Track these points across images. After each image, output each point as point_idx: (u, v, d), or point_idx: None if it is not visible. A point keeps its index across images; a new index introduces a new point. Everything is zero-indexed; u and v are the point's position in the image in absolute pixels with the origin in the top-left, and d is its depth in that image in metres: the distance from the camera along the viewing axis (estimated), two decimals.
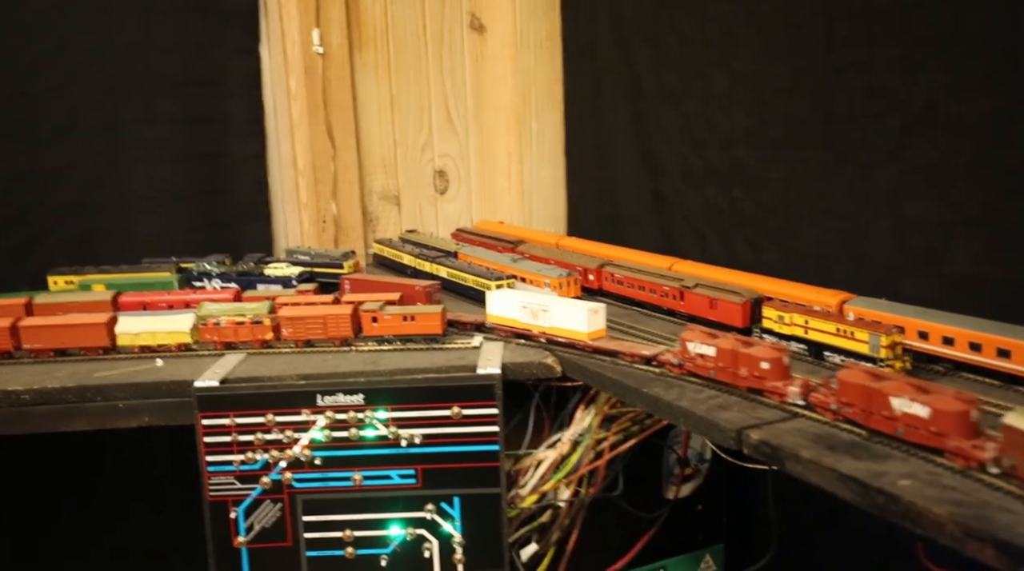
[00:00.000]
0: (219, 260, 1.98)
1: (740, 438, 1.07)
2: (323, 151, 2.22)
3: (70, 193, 2.04)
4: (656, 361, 1.34)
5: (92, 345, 1.56)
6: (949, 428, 0.96)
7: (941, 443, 0.97)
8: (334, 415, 1.41)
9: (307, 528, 1.45)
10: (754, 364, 1.18)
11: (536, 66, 2.31)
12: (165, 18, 2.07)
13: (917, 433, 0.99)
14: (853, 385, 1.06)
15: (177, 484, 2.00)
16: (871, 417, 1.04)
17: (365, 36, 2.24)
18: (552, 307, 1.49)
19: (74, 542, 2.06)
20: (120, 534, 2.08)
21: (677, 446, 1.62)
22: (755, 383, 1.19)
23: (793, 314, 1.34)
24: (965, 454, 0.94)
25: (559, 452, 1.49)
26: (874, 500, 0.90)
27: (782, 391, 1.15)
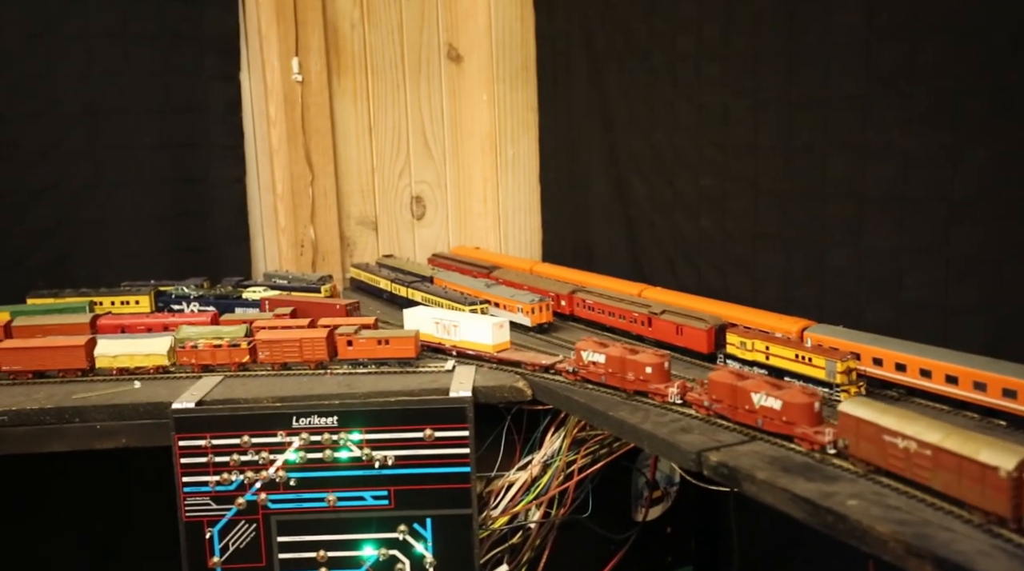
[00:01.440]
0: (197, 283, 2.01)
1: (700, 460, 1.11)
2: (302, 176, 2.26)
3: (50, 216, 2.06)
4: (554, 369, 1.49)
5: (70, 367, 1.58)
6: (796, 417, 1.13)
7: (791, 430, 1.13)
8: (309, 437, 1.44)
9: (282, 548, 1.47)
10: (639, 369, 1.34)
11: (512, 95, 2.37)
12: (145, 44, 2.10)
13: (772, 423, 1.15)
14: (721, 384, 1.23)
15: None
16: (736, 411, 1.20)
17: (344, 64, 2.29)
18: (462, 323, 1.63)
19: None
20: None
21: (646, 469, 1.66)
22: (640, 386, 1.34)
23: (755, 340, 1.39)
24: (809, 438, 1.11)
25: (530, 474, 1.52)
26: (824, 519, 0.95)
27: (663, 392, 1.31)
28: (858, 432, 1.04)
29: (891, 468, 1.00)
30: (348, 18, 2.28)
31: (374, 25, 2.30)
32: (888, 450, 1.00)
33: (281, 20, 2.16)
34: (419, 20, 2.35)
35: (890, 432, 1.00)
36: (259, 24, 2.17)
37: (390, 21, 2.32)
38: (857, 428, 1.04)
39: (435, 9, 2.36)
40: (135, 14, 2.07)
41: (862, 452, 1.04)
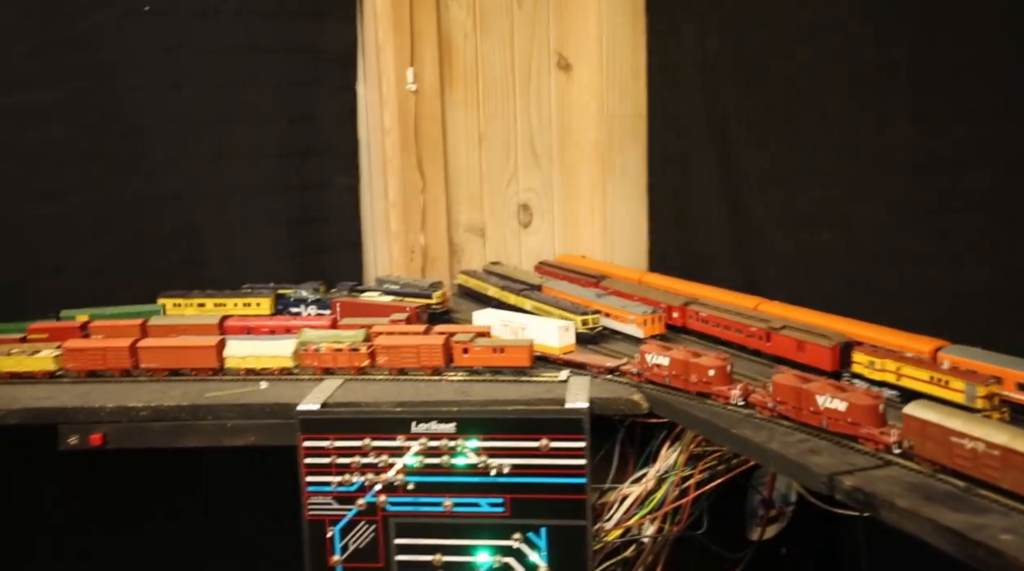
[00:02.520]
0: (314, 287, 2.08)
1: (832, 483, 1.08)
2: (413, 184, 2.31)
3: (179, 220, 2.17)
4: (618, 371, 1.56)
5: (202, 366, 1.66)
6: (861, 418, 1.19)
7: (855, 431, 1.19)
8: (427, 442, 1.47)
9: (399, 551, 1.50)
10: (702, 372, 1.41)
11: (621, 104, 2.36)
12: (272, 58, 2.18)
13: (837, 424, 1.21)
14: (785, 387, 1.29)
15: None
16: (801, 412, 1.26)
17: (456, 74, 2.33)
18: (529, 325, 1.72)
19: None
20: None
21: (762, 487, 1.62)
22: (703, 388, 1.41)
23: (885, 360, 1.34)
24: (874, 438, 1.17)
25: (644, 488, 1.51)
26: (973, 553, 0.91)
27: (726, 394, 1.38)
28: (923, 433, 1.10)
29: (957, 467, 1.06)
30: (461, 29, 2.31)
31: (486, 35, 2.33)
32: (955, 450, 1.06)
33: (398, 32, 2.21)
34: (530, 30, 2.36)
35: (957, 433, 1.06)
36: (376, 36, 2.23)
37: (501, 31, 2.34)
38: (923, 430, 1.10)
39: (546, 19, 2.37)
40: (262, 29, 2.15)
41: (928, 452, 1.10)
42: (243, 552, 2.12)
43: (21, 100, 1.93)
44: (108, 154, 2.05)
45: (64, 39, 1.95)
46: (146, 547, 2.13)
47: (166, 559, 2.15)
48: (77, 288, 2.03)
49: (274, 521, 2.03)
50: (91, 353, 1.65)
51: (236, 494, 2.19)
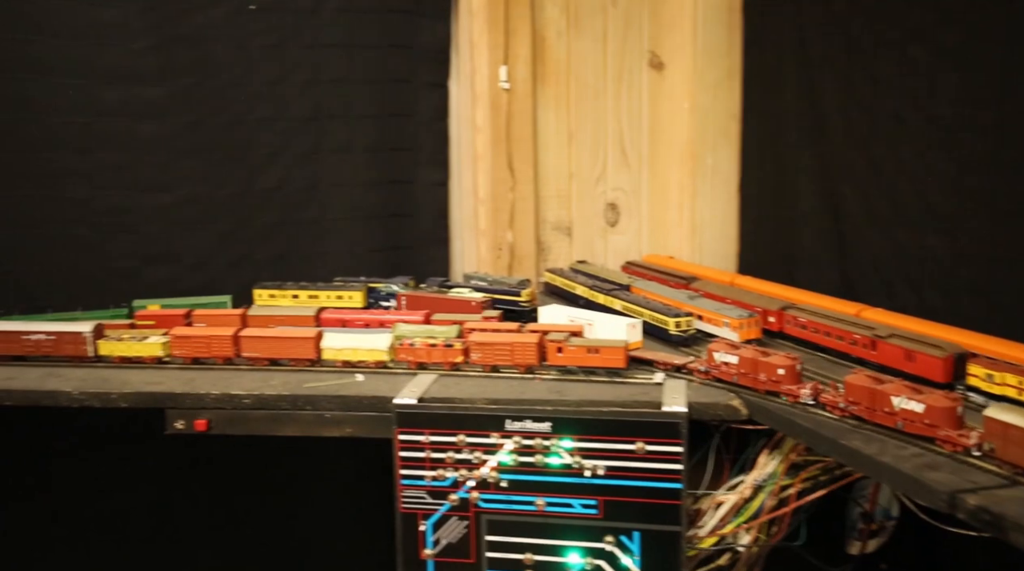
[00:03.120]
0: (404, 282, 2.10)
1: (954, 502, 1.04)
2: (503, 181, 2.32)
3: (276, 213, 2.22)
4: (685, 369, 1.57)
5: (301, 357, 1.69)
6: (940, 420, 1.19)
7: (933, 432, 1.20)
8: (521, 440, 1.47)
9: (490, 547, 1.51)
10: (772, 370, 1.42)
11: (714, 103, 2.32)
12: (368, 54, 2.22)
13: (913, 425, 1.22)
14: (859, 387, 1.30)
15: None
16: (874, 413, 1.27)
17: (548, 71, 2.33)
18: (596, 322, 1.75)
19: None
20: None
21: (863, 500, 1.58)
22: (772, 386, 1.42)
23: (1005, 374, 1.29)
24: (952, 440, 1.17)
25: (740, 495, 1.48)
26: None
27: (796, 393, 1.39)
28: (1005, 436, 1.11)
29: None
30: (555, 26, 2.31)
31: (579, 33, 2.32)
32: None
33: (492, 30, 2.22)
34: (623, 28, 2.34)
35: None
36: (471, 34, 2.24)
37: (595, 29, 2.33)
38: (1004, 432, 1.11)
39: (640, 17, 2.35)
40: (360, 25, 2.19)
41: (1010, 455, 1.10)
42: (335, 543, 2.18)
43: (137, 94, 2.01)
44: (213, 148, 2.12)
45: (176, 36, 2.02)
46: (238, 530, 2.21)
47: (257, 541, 2.22)
48: (183, 276, 2.11)
49: (363, 512, 2.08)
50: (196, 341, 1.70)
51: (325, 485, 2.25)
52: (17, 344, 1.72)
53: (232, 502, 2.24)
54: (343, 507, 2.31)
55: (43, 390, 1.59)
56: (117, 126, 2.02)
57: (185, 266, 2.15)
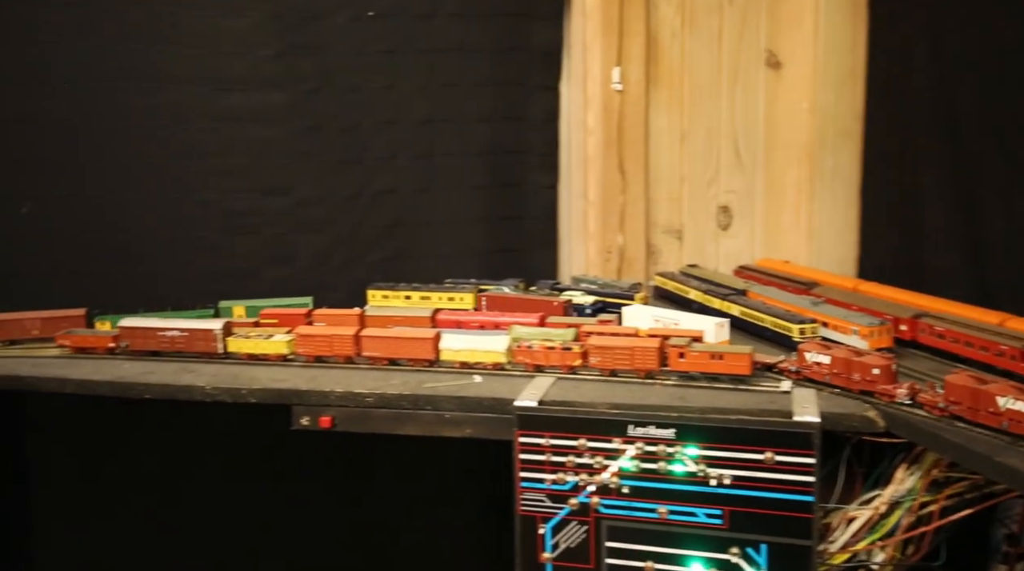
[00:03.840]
0: (514, 284, 2.10)
1: None
2: (614, 184, 2.30)
3: (388, 215, 2.27)
4: (776, 368, 1.56)
5: (419, 357, 1.71)
6: None
7: None
8: (644, 446, 1.45)
9: (610, 554, 1.49)
10: (866, 370, 1.42)
11: (836, 103, 2.24)
12: (480, 58, 2.24)
13: (1020, 426, 1.20)
14: (961, 387, 1.29)
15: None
16: (977, 414, 1.25)
17: (661, 73, 2.29)
18: (682, 321, 1.77)
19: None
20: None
21: (1009, 521, 1.48)
22: (867, 386, 1.42)
23: None
24: None
25: (875, 511, 1.42)
26: None
27: (892, 392, 1.39)
28: None
29: None
30: (669, 27, 2.27)
31: (694, 33, 2.28)
32: None
33: (606, 31, 2.20)
34: (739, 27, 2.29)
35: None
36: (584, 36, 2.23)
37: (710, 28, 2.28)
38: None
39: (757, 14, 2.29)
40: (473, 30, 2.21)
41: None
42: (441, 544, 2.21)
43: (261, 100, 2.09)
44: (331, 152, 2.18)
45: (299, 44, 2.09)
46: (359, 524, 2.26)
47: (375, 536, 2.26)
48: (300, 277, 2.17)
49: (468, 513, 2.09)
50: (320, 340, 1.74)
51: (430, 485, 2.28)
52: (153, 340, 1.79)
53: (335, 498, 2.30)
54: (449, 508, 2.34)
55: (179, 384, 1.65)
56: (243, 131, 2.10)
57: (302, 267, 2.22)
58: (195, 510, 2.22)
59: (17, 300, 1.97)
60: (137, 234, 2.10)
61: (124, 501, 2.24)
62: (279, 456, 2.19)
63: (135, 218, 2.10)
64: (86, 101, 2.03)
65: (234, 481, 2.20)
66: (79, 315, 1.92)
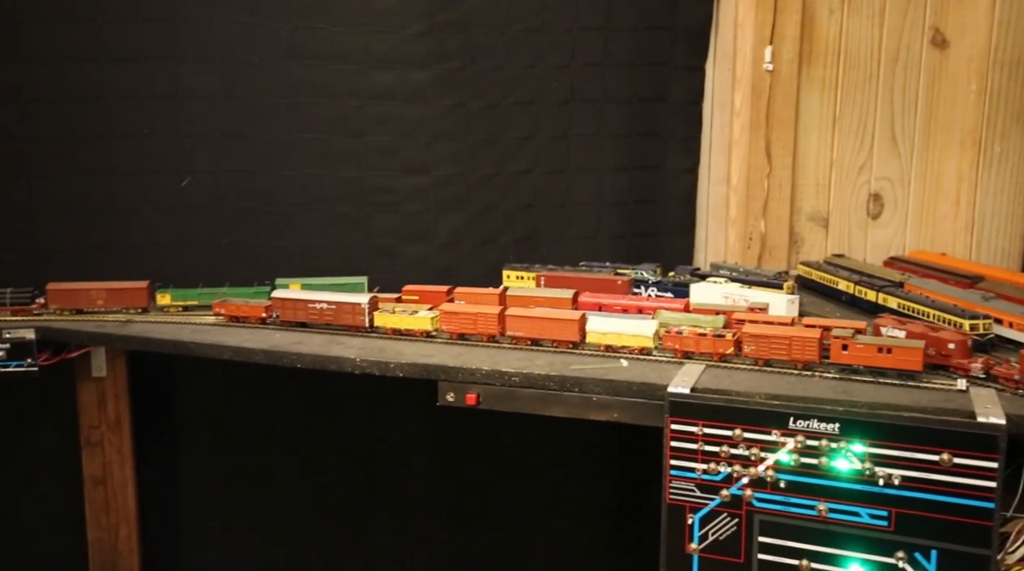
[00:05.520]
0: (652, 268, 2.05)
1: None
2: (758, 168, 2.21)
3: (523, 196, 2.25)
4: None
5: (564, 339, 1.69)
6: None
7: None
8: (805, 440, 1.38)
9: (762, 549, 1.43)
10: (942, 345, 1.47)
11: (1008, 84, 2.08)
12: (624, 36, 2.19)
13: None
14: None
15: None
16: None
17: (816, 51, 2.19)
18: (751, 297, 1.80)
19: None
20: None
21: None
22: (942, 360, 1.47)
23: None
24: None
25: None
26: None
27: (967, 367, 1.44)
28: None
29: None
30: (828, 3, 2.16)
31: (854, 10, 2.16)
32: None
33: (760, 8, 2.12)
34: (904, 3, 2.15)
35: None
36: (736, 13, 2.15)
37: (872, 5, 2.16)
38: None
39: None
40: (618, 7, 2.16)
41: None
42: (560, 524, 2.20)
43: (406, 78, 2.10)
44: (471, 131, 2.17)
45: (444, 23, 2.09)
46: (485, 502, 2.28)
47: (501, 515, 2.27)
48: (435, 255, 2.18)
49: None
50: (464, 317, 1.74)
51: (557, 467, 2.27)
52: (303, 311, 1.84)
53: (464, 473, 2.32)
54: (570, 490, 2.33)
55: (329, 356, 1.69)
56: (387, 109, 2.12)
57: (438, 246, 2.23)
58: (323, 478, 2.29)
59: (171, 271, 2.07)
60: (284, 208, 2.16)
61: (265, 469, 2.33)
62: (411, 433, 2.23)
63: (283, 192, 2.16)
64: (239, 78, 2.10)
65: (368, 454, 2.26)
66: (142, 287, 1.93)
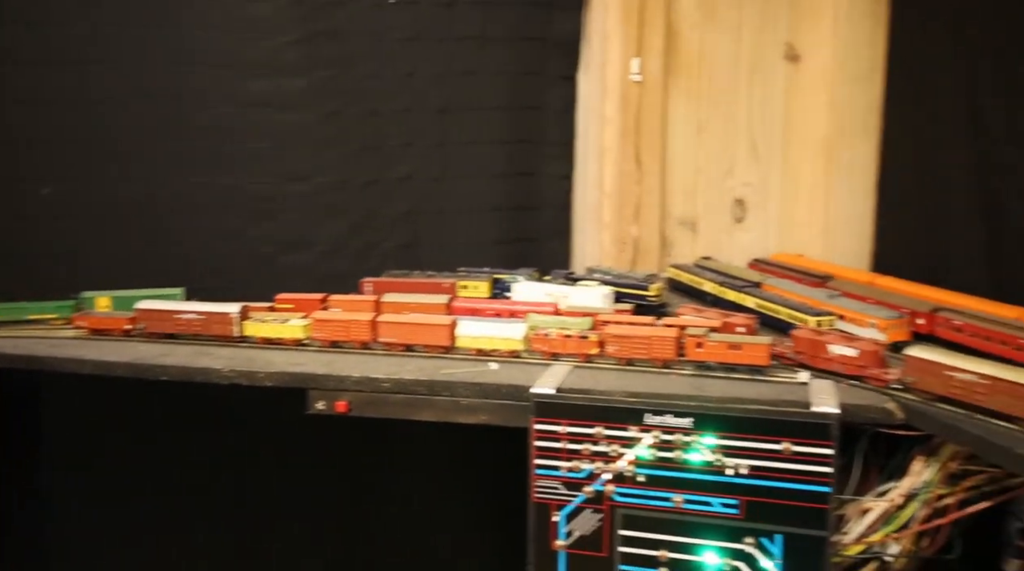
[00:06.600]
0: (529, 273, 2.10)
1: None
2: (630, 175, 2.29)
3: (404, 203, 2.27)
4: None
5: (435, 344, 1.71)
6: (868, 362, 1.48)
7: (863, 372, 1.48)
8: (661, 435, 1.45)
9: (623, 542, 1.49)
10: (730, 329, 1.62)
11: (855, 96, 2.23)
12: (499, 47, 2.24)
13: (846, 368, 1.50)
14: (803, 339, 1.57)
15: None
16: (816, 360, 1.55)
17: (681, 64, 2.29)
18: (571, 295, 1.87)
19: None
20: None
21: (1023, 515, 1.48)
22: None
23: None
24: (878, 377, 1.46)
25: (891, 503, 1.42)
26: None
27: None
28: (923, 370, 1.38)
29: (951, 395, 1.34)
30: (689, 18, 2.27)
31: (714, 25, 2.28)
32: (949, 382, 1.34)
33: (627, 22, 2.20)
34: (759, 19, 2.28)
35: (953, 368, 1.34)
36: (604, 26, 2.23)
37: (730, 20, 2.27)
38: (923, 367, 1.39)
39: (777, 8, 2.28)
40: (493, 18, 2.21)
41: (925, 385, 1.38)
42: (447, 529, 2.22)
43: (282, 86, 2.09)
44: (349, 138, 2.18)
45: (320, 30, 2.09)
46: (366, 510, 2.27)
47: (382, 523, 2.27)
48: (316, 264, 2.17)
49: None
50: (336, 325, 1.74)
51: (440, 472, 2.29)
52: (170, 322, 1.80)
53: (348, 484, 2.31)
54: (457, 496, 2.34)
55: (196, 367, 1.66)
56: (264, 117, 2.10)
57: (318, 254, 2.22)
58: (203, 493, 2.24)
59: (41, 282, 1.99)
60: (159, 217, 2.11)
61: (134, 482, 2.26)
62: (289, 442, 2.20)
63: (158, 201, 2.11)
64: (110, 83, 2.04)
65: (244, 465, 2.22)
66: None
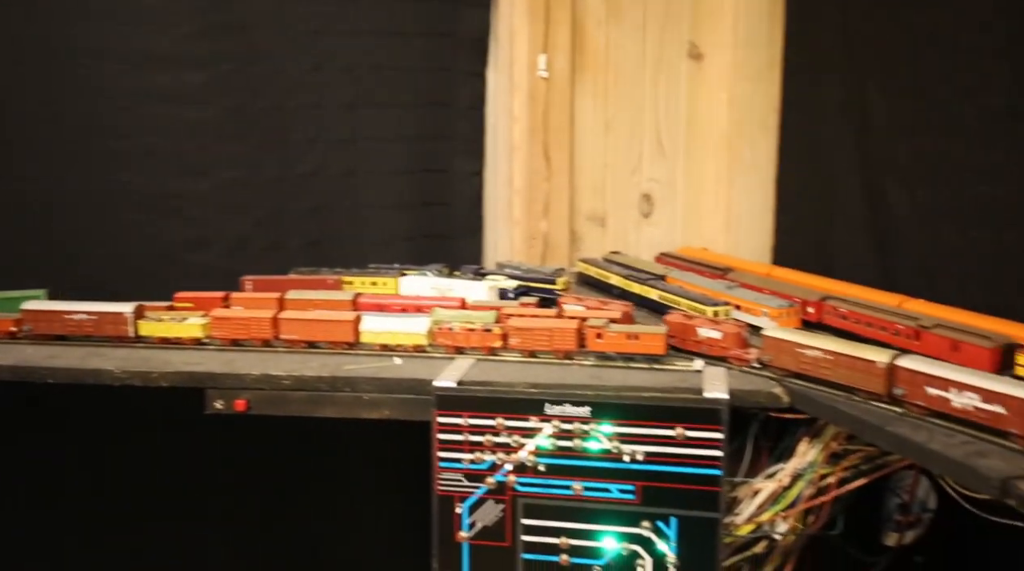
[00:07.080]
0: (438, 269, 2.10)
1: (1006, 488, 1.02)
2: (539, 171, 2.32)
3: (311, 200, 2.24)
4: None
5: (339, 340, 1.70)
6: (731, 344, 1.56)
7: (726, 352, 1.57)
8: (560, 424, 1.47)
9: (526, 531, 1.51)
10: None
11: (754, 94, 2.30)
12: (407, 42, 2.23)
13: (713, 349, 1.59)
14: (674, 323, 1.65)
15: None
16: (686, 342, 1.64)
17: (587, 61, 2.32)
18: (455, 288, 1.91)
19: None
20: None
21: (901, 491, 1.56)
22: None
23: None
24: (740, 357, 1.55)
25: (778, 484, 1.47)
26: None
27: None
28: (778, 348, 1.48)
29: (802, 371, 1.45)
30: (595, 16, 2.30)
31: (619, 23, 2.32)
32: (800, 359, 1.44)
33: (533, 19, 2.22)
34: (663, 18, 2.33)
35: (802, 346, 1.44)
36: (511, 22, 2.25)
37: (635, 18, 2.32)
38: (777, 346, 1.49)
39: (680, 6, 2.33)
40: (400, 13, 2.20)
41: (780, 363, 1.48)
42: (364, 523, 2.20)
43: (182, 79, 2.03)
44: (252, 133, 2.14)
45: (221, 23, 2.04)
46: (275, 510, 2.23)
47: (293, 522, 2.24)
48: (220, 261, 2.13)
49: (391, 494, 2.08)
50: (236, 323, 1.71)
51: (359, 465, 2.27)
52: (59, 323, 1.74)
53: (261, 485, 2.27)
54: (375, 492, 2.33)
55: (86, 368, 1.61)
56: (162, 111, 2.05)
57: (221, 251, 2.18)
58: (101, 498, 2.17)
59: None
60: (56, 215, 2.04)
61: (30, 490, 2.17)
62: (191, 443, 2.15)
63: (53, 199, 2.03)
64: (2, 77, 1.96)
65: (143, 468, 2.15)
66: None
